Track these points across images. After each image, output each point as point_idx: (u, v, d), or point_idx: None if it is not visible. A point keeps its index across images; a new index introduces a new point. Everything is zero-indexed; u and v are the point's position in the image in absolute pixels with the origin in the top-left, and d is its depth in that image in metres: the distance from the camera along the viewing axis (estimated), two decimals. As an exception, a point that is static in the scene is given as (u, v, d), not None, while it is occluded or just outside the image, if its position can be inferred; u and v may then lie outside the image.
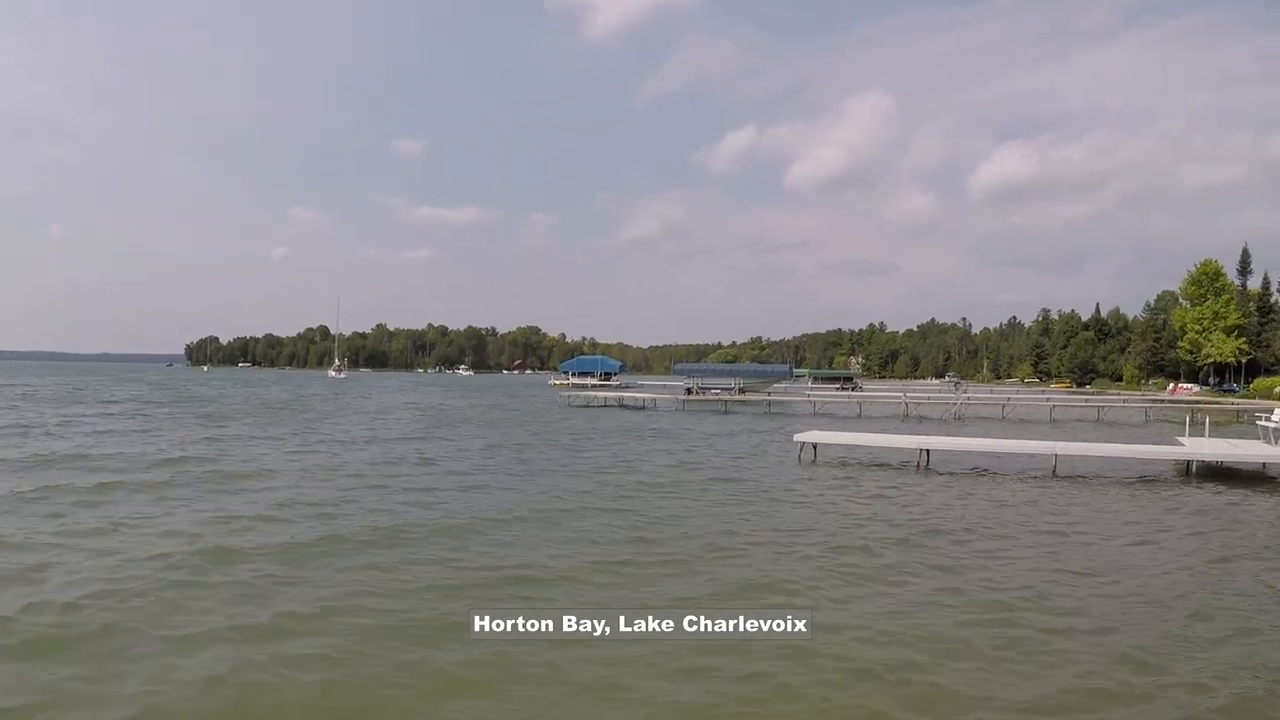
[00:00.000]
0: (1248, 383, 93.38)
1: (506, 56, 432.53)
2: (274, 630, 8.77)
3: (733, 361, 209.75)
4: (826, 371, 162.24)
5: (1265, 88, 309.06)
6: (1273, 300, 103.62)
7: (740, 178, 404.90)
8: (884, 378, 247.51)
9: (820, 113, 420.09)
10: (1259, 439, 26.78)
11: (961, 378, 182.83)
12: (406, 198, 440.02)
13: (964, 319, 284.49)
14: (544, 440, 32.53)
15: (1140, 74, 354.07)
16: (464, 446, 29.18)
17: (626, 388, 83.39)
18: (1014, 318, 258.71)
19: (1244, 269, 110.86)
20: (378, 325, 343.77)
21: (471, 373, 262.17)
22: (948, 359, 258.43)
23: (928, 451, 25.36)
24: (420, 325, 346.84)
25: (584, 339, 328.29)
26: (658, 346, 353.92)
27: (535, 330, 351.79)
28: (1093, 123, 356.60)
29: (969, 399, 65.09)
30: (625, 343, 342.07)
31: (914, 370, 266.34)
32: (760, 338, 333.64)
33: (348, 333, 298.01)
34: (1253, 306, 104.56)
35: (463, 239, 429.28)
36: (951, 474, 23.26)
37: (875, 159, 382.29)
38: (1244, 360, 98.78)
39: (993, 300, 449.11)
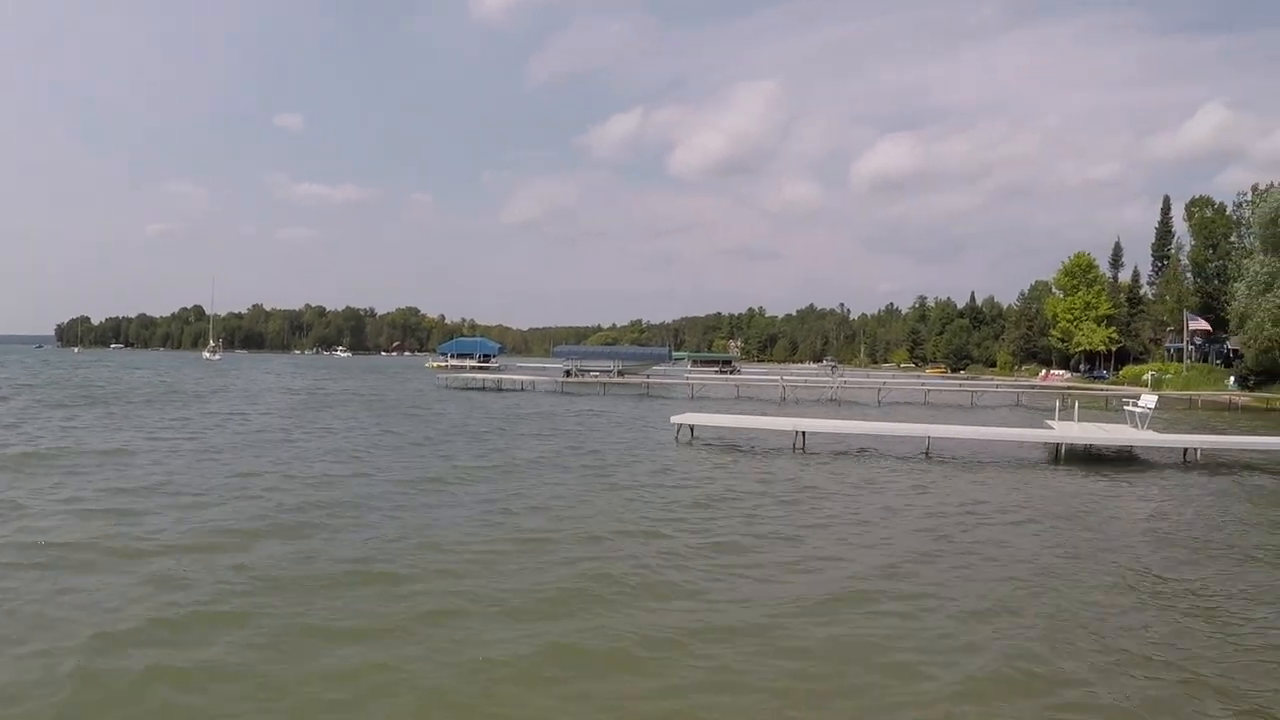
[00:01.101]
0: (1117, 370, 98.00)
1: (392, 29, 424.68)
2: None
3: (612, 344, 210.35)
4: (705, 354, 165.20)
5: (1146, 90, 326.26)
6: (1142, 292, 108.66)
7: (629, 161, 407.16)
8: (763, 361, 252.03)
9: (709, 99, 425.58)
10: (1126, 423, 27.82)
11: (839, 362, 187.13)
12: (286, 174, 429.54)
13: (842, 304, 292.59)
14: (425, 424, 31.82)
15: (1027, 71, 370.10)
16: (345, 437, 28.22)
17: (505, 370, 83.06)
18: (891, 304, 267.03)
19: (1116, 262, 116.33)
20: (254, 306, 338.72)
21: (349, 354, 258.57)
22: (826, 343, 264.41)
23: (803, 434, 25.56)
24: (297, 306, 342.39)
25: (464, 320, 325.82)
26: (538, 329, 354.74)
27: (414, 311, 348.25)
28: (977, 117, 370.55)
29: (845, 382, 66.46)
30: (505, 325, 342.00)
31: (792, 354, 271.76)
32: (640, 320, 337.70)
33: (223, 313, 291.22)
34: (1123, 298, 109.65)
35: (343, 217, 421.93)
36: (827, 456, 23.57)
37: (762, 146, 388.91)
38: (1114, 348, 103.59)
39: (873, 287, 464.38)
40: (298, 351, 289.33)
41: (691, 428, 26.97)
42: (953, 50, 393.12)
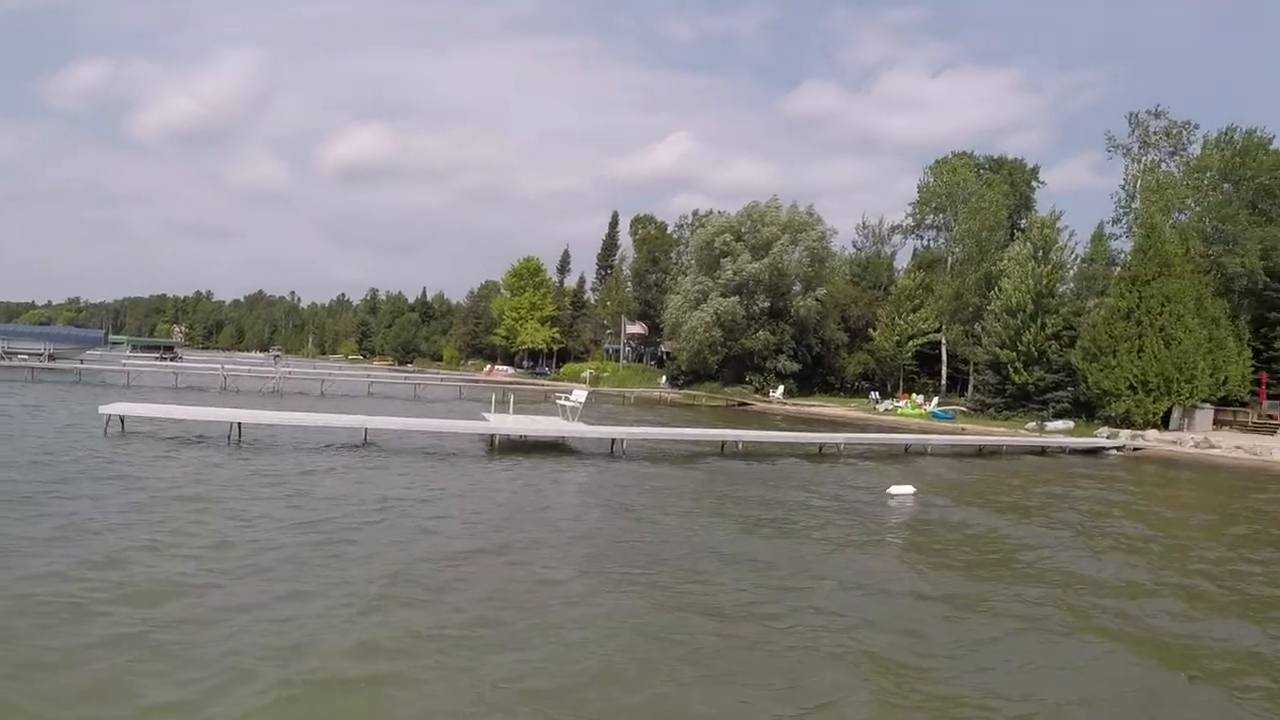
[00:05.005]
0: (559, 367, 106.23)
1: None
2: None
3: (47, 324, 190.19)
4: (147, 340, 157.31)
5: (624, 115, 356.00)
6: (586, 297, 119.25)
7: (87, 115, 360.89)
8: (209, 348, 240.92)
9: (185, 57, 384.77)
10: (558, 416, 30.51)
11: (285, 351, 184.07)
12: None
13: (293, 293, 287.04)
14: None
15: (512, 81, 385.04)
16: None
17: None
18: (343, 295, 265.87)
19: (564, 268, 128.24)
20: None
21: None
22: (274, 332, 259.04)
23: (240, 425, 25.30)
24: None
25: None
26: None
27: None
28: (455, 118, 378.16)
29: (289, 373, 65.73)
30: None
31: (239, 342, 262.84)
32: (79, 299, 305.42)
33: None
34: (568, 301, 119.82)
35: None
36: (263, 448, 23.49)
37: (233, 118, 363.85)
38: (556, 348, 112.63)
39: (327, 276, 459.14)
40: None
41: (122, 419, 25.41)
42: (442, 49, 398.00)
